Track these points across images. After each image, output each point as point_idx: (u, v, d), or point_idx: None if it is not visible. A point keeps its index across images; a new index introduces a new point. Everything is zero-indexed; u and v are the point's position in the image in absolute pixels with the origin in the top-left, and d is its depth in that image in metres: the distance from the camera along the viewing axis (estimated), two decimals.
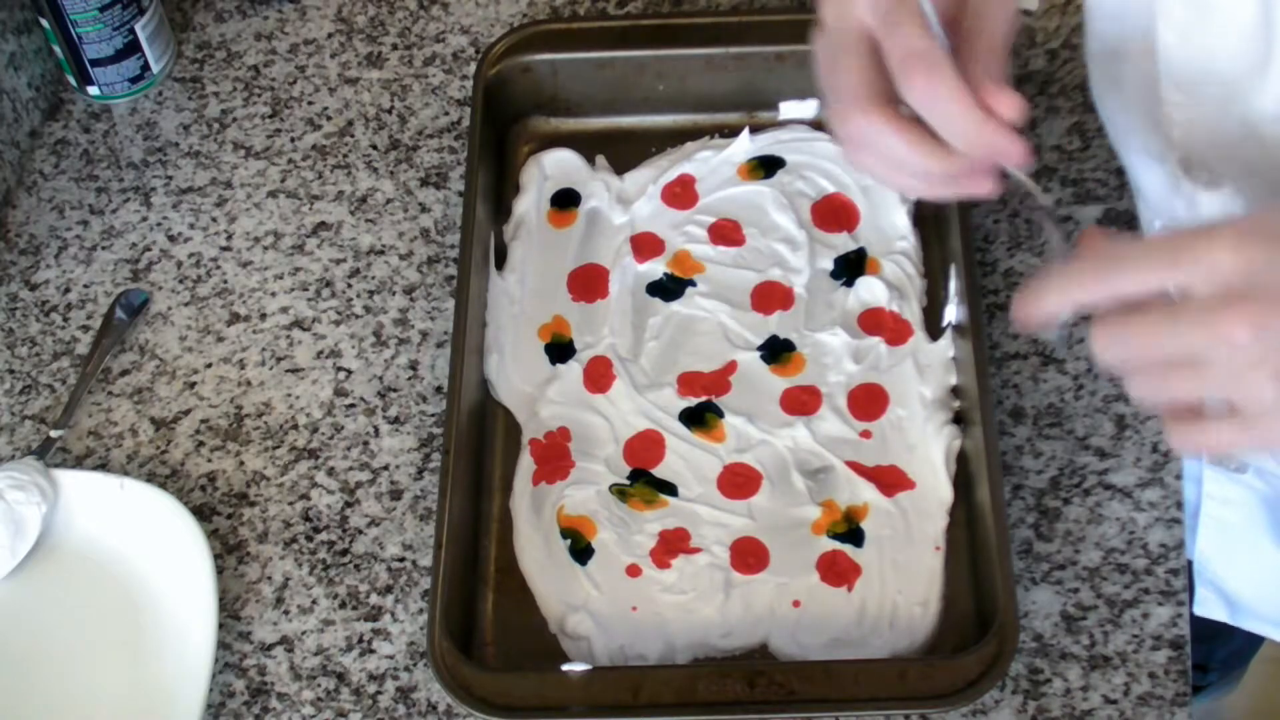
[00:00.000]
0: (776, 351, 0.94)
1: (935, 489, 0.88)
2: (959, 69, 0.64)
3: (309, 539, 0.90)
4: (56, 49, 1.07)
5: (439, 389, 0.95)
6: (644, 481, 0.90)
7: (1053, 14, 1.07)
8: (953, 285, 0.94)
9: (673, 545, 0.87)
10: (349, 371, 0.96)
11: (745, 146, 1.02)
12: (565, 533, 0.88)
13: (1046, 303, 0.59)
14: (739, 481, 0.89)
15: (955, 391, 0.92)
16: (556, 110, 1.06)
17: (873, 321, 0.94)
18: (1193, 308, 0.55)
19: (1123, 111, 0.75)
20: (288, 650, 0.87)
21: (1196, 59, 0.65)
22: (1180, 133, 0.69)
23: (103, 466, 0.94)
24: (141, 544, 0.88)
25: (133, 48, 1.07)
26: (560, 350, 0.95)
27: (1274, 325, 0.55)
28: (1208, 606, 1.00)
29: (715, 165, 1.01)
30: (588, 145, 1.04)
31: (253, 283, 1.01)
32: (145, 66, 1.09)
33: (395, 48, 1.11)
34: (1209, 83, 0.65)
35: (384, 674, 0.85)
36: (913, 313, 0.95)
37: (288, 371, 0.97)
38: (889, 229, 0.98)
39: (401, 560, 0.89)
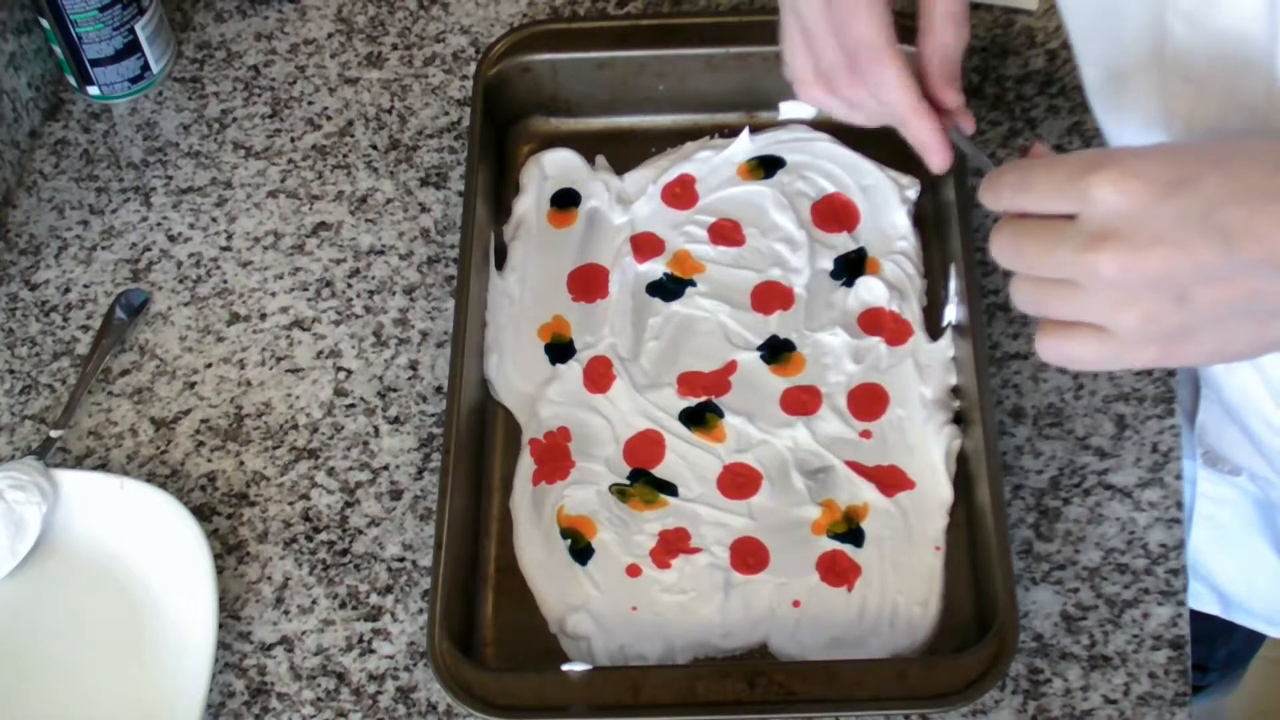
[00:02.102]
0: (776, 351, 0.94)
1: (935, 489, 0.88)
2: (922, 30, 0.78)
3: (309, 539, 0.90)
4: (56, 49, 1.07)
5: (439, 389, 0.95)
6: (644, 481, 0.90)
7: (1053, 14, 1.07)
8: (953, 285, 0.94)
9: (673, 545, 0.87)
10: (349, 371, 0.96)
11: (745, 146, 1.02)
12: (565, 533, 0.88)
13: (983, 200, 0.64)
14: (739, 481, 0.89)
15: (955, 391, 0.92)
16: (556, 110, 1.06)
17: (873, 321, 0.94)
18: (1072, 237, 0.58)
19: (1117, 108, 0.75)
20: (288, 650, 0.87)
21: (1205, 47, 0.65)
22: (1184, 125, 0.69)
23: (103, 466, 0.94)
24: (141, 544, 0.88)
25: (133, 48, 1.07)
26: (560, 350, 0.95)
27: (1139, 267, 0.57)
28: (1201, 600, 1.01)
29: (715, 165, 1.01)
30: (588, 145, 1.04)
31: (253, 283, 1.01)
32: (145, 66, 1.09)
33: (395, 48, 1.11)
34: (1216, 71, 0.65)
35: (384, 674, 0.86)
36: (913, 313, 0.95)
37: (288, 371, 0.97)
38: (889, 229, 0.98)
39: (401, 560, 0.89)
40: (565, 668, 0.82)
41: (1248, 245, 0.56)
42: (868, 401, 0.92)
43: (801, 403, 0.92)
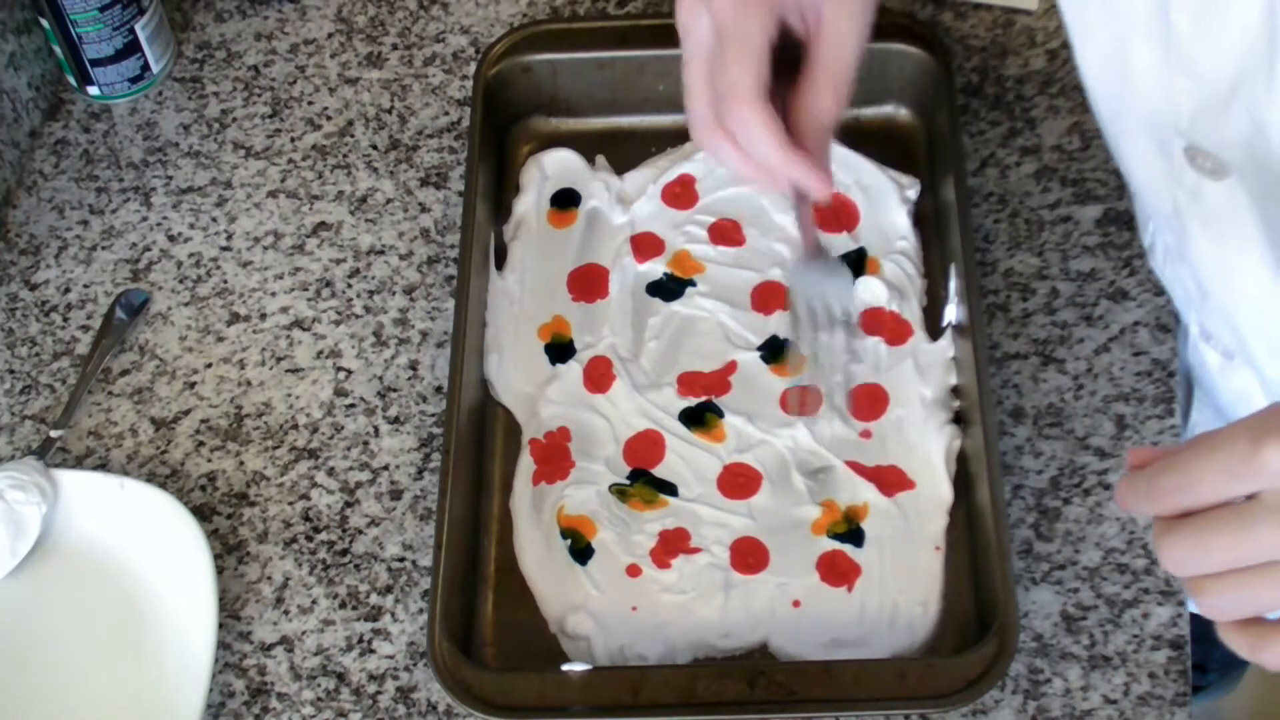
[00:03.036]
0: (776, 351, 0.94)
1: (935, 489, 0.88)
2: (803, 88, 0.77)
3: (309, 539, 0.90)
4: (56, 49, 1.07)
5: (439, 389, 0.95)
6: (644, 481, 0.90)
7: (1053, 14, 1.07)
8: (953, 285, 0.94)
9: (673, 545, 0.87)
10: (349, 371, 0.96)
11: None
12: (565, 533, 0.88)
13: (1125, 505, 0.60)
14: (739, 481, 0.89)
15: (955, 391, 0.92)
16: (556, 110, 1.06)
17: (873, 321, 0.94)
18: (1265, 515, 0.55)
19: (1125, 96, 0.74)
20: (288, 650, 0.87)
21: (1207, 46, 0.65)
22: (1188, 120, 0.69)
23: (103, 466, 0.94)
24: (141, 544, 0.88)
25: (133, 48, 1.07)
26: (560, 350, 0.95)
27: None
28: None
29: (715, 165, 1.01)
30: (588, 145, 1.04)
31: (253, 283, 1.01)
32: (145, 66, 1.09)
33: (395, 48, 1.11)
34: (1218, 72, 0.65)
35: (384, 674, 0.86)
36: (913, 313, 0.95)
37: (288, 371, 0.97)
38: (889, 229, 0.98)
39: (401, 560, 0.89)
40: (565, 668, 0.82)
41: None
42: (868, 401, 0.92)
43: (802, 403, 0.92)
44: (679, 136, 1.04)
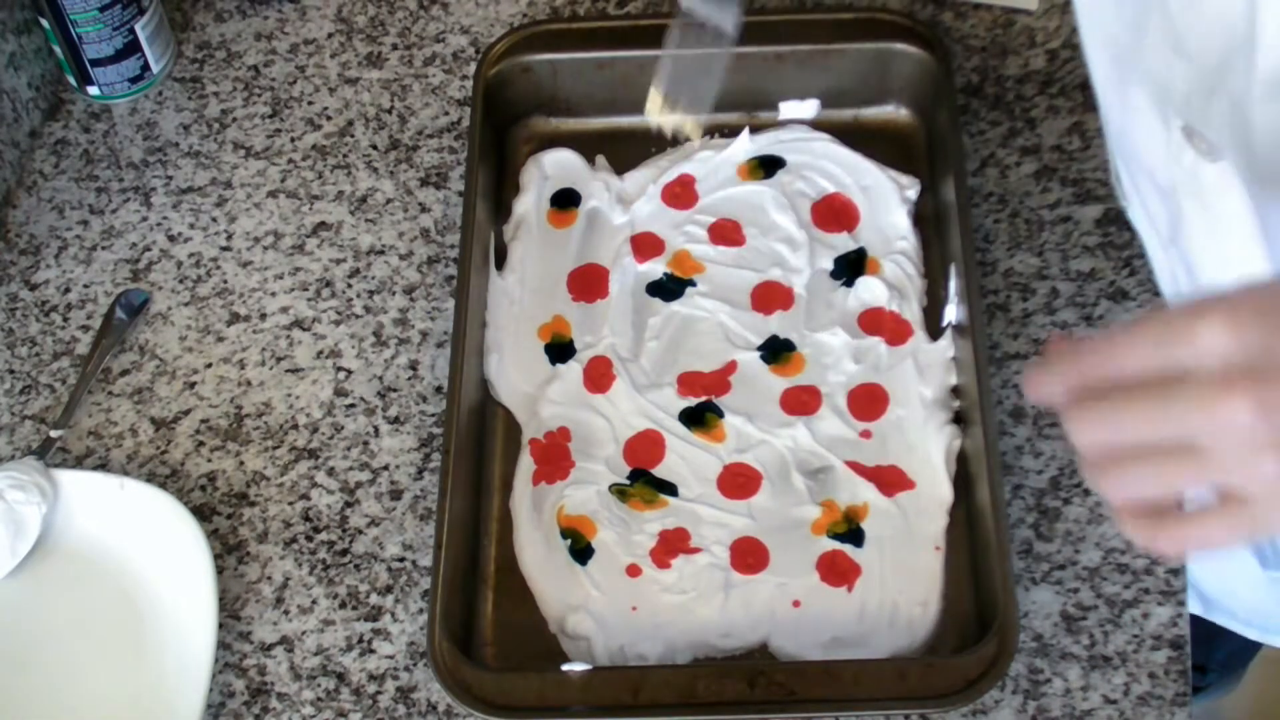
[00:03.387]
0: (776, 351, 0.94)
1: (935, 489, 0.88)
2: None
3: (309, 539, 0.90)
4: (56, 49, 1.07)
5: (439, 389, 0.95)
6: (644, 481, 0.90)
7: (1053, 14, 1.07)
8: (953, 285, 0.94)
9: (673, 545, 0.87)
10: (349, 371, 0.96)
11: (745, 146, 1.02)
12: (565, 533, 0.88)
13: (1043, 384, 0.57)
14: (739, 481, 0.89)
15: (955, 391, 0.92)
16: (556, 110, 1.06)
17: (873, 321, 0.94)
18: (1189, 388, 0.52)
19: (1122, 85, 0.74)
20: (288, 650, 0.87)
21: (1196, 27, 0.65)
22: (1182, 100, 0.69)
23: (103, 466, 0.94)
24: (141, 544, 0.88)
25: (133, 48, 1.07)
26: (560, 350, 0.95)
27: (1278, 404, 0.51)
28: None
29: (715, 165, 1.01)
30: (588, 145, 1.04)
31: (253, 283, 1.01)
32: (145, 66, 1.09)
33: (395, 48, 1.11)
34: (1205, 54, 0.65)
35: (384, 674, 0.86)
36: (913, 313, 0.95)
37: (288, 371, 0.97)
38: (889, 229, 0.98)
39: (401, 560, 0.89)
40: (565, 668, 0.82)
41: None
42: (868, 401, 0.92)
43: (801, 403, 0.92)
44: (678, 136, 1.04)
